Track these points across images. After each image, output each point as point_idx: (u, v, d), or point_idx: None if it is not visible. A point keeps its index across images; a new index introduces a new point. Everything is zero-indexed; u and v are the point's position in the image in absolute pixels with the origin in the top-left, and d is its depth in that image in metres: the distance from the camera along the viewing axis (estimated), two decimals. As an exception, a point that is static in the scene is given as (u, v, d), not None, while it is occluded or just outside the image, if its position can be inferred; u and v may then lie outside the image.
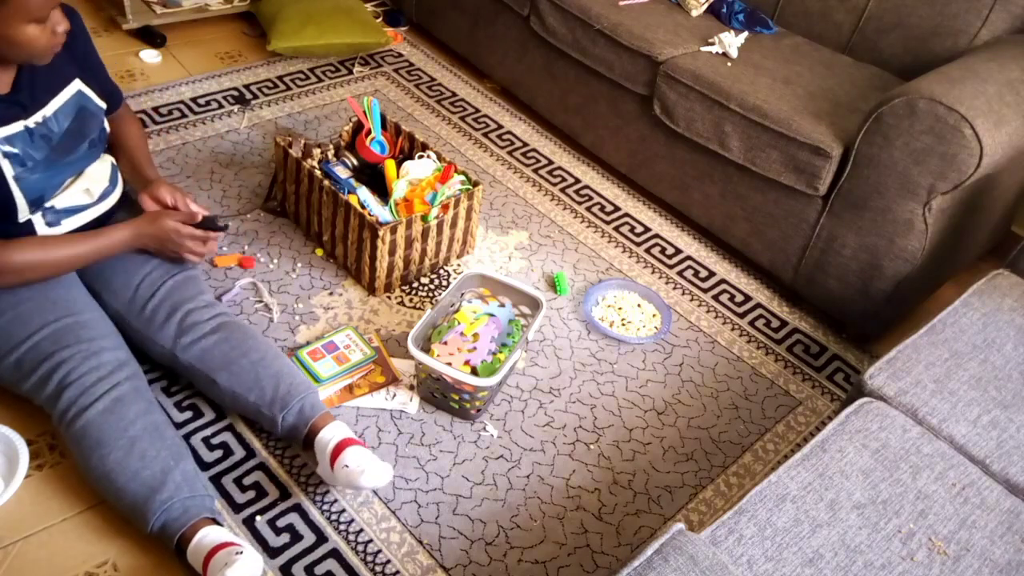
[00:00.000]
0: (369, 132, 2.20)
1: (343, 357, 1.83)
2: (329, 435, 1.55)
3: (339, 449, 1.52)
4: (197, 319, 1.64)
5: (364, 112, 2.22)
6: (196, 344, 1.62)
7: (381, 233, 1.90)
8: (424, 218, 1.99)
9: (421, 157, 2.15)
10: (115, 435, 1.44)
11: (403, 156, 2.22)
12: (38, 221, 1.55)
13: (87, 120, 1.59)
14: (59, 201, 1.57)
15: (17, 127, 1.46)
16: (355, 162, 2.17)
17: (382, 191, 2.09)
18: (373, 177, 2.15)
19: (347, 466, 1.49)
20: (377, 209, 2.01)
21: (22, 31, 1.33)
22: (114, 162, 1.73)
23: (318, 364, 1.80)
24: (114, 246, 1.60)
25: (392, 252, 1.97)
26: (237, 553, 1.34)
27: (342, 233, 2.03)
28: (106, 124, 1.65)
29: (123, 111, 1.80)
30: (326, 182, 2.00)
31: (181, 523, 1.41)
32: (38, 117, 1.50)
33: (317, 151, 2.15)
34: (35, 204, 1.51)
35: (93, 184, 1.63)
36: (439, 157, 2.15)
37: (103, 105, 1.64)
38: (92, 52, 1.66)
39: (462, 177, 2.10)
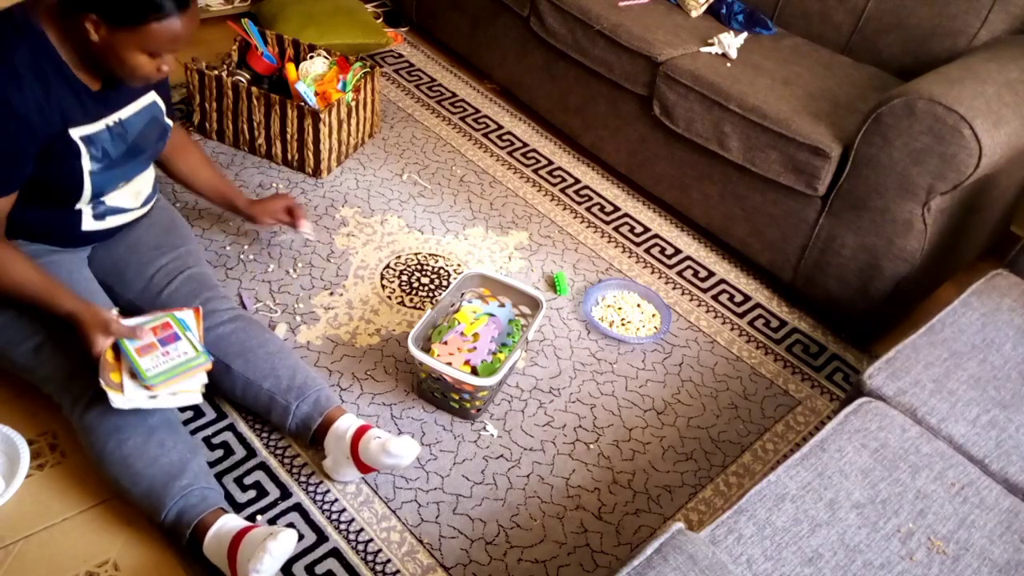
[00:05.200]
0: (256, 48, 2.44)
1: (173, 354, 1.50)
2: (347, 424, 1.59)
3: (362, 431, 1.56)
4: (216, 307, 1.68)
5: (246, 32, 2.43)
6: (213, 330, 1.65)
7: (323, 117, 2.23)
8: (346, 101, 2.30)
9: (312, 57, 2.45)
10: (134, 422, 1.46)
11: (293, 61, 2.47)
12: (87, 212, 1.59)
13: (156, 129, 1.63)
14: (111, 199, 1.61)
15: (100, 125, 1.51)
16: (249, 76, 2.43)
17: (285, 96, 2.31)
18: (272, 85, 2.42)
19: (379, 437, 1.53)
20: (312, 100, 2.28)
21: (135, 56, 1.38)
22: (155, 171, 1.77)
23: (144, 360, 1.46)
24: (55, 306, 1.47)
25: (330, 135, 2.29)
26: (279, 528, 1.37)
27: (279, 131, 2.30)
28: (168, 136, 1.70)
29: (182, 132, 1.86)
30: (254, 88, 2.26)
31: (199, 510, 1.43)
32: (115, 117, 1.54)
33: (213, 72, 2.33)
34: (95, 196, 1.56)
35: (142, 187, 1.68)
36: (329, 54, 2.45)
37: (170, 122, 1.68)
38: None
39: (359, 64, 2.41)
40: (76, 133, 1.46)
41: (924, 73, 1.93)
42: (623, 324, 2.09)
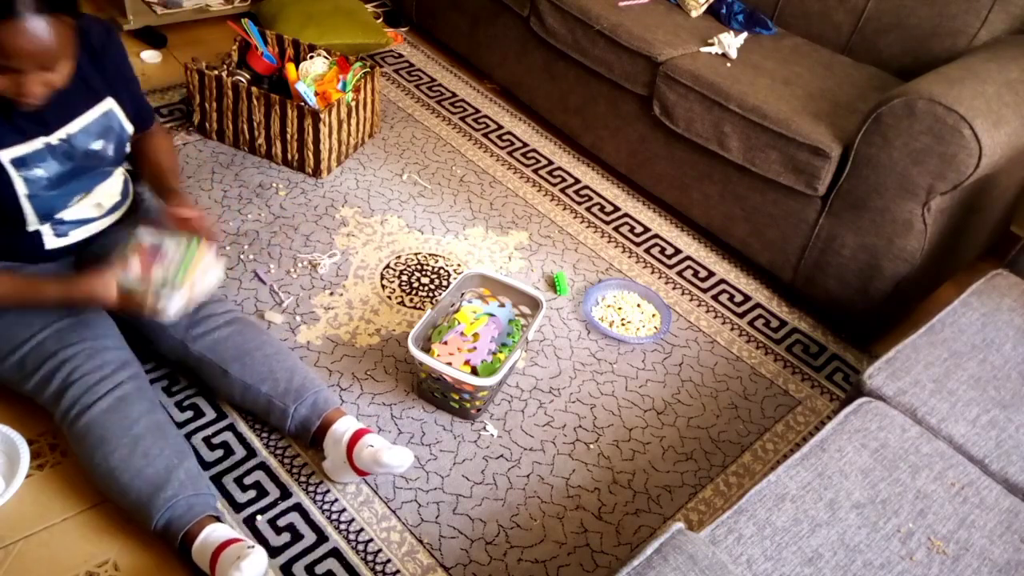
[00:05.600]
0: (256, 48, 2.45)
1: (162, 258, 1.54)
2: (344, 426, 1.58)
3: (358, 436, 1.55)
4: (211, 312, 1.67)
5: (246, 32, 2.43)
6: (209, 335, 1.64)
7: (323, 117, 2.23)
8: (347, 101, 2.31)
9: (312, 57, 2.45)
10: (119, 433, 1.45)
11: (293, 61, 2.48)
12: (47, 232, 1.55)
13: (112, 141, 1.56)
14: (68, 214, 1.57)
15: (36, 144, 1.43)
16: (249, 76, 2.44)
17: (285, 95, 2.32)
18: (272, 85, 2.44)
19: (372, 445, 1.52)
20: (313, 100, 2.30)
21: None
22: (126, 175, 1.73)
23: (156, 275, 1.50)
24: (43, 299, 1.50)
25: (330, 134, 2.30)
26: (249, 547, 1.36)
27: (279, 131, 2.31)
28: (127, 147, 1.62)
29: (155, 127, 1.76)
30: (255, 89, 2.26)
31: (185, 520, 1.42)
32: (62, 134, 1.47)
33: (213, 73, 2.33)
34: (45, 218, 1.51)
35: (104, 198, 1.63)
36: (329, 54, 2.46)
37: (130, 128, 1.60)
38: (125, 68, 1.61)
39: (359, 64, 2.43)
40: (5, 156, 1.39)
41: (924, 73, 1.93)
42: (623, 324, 2.09)
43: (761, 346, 2.11)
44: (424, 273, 2.14)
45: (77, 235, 1.60)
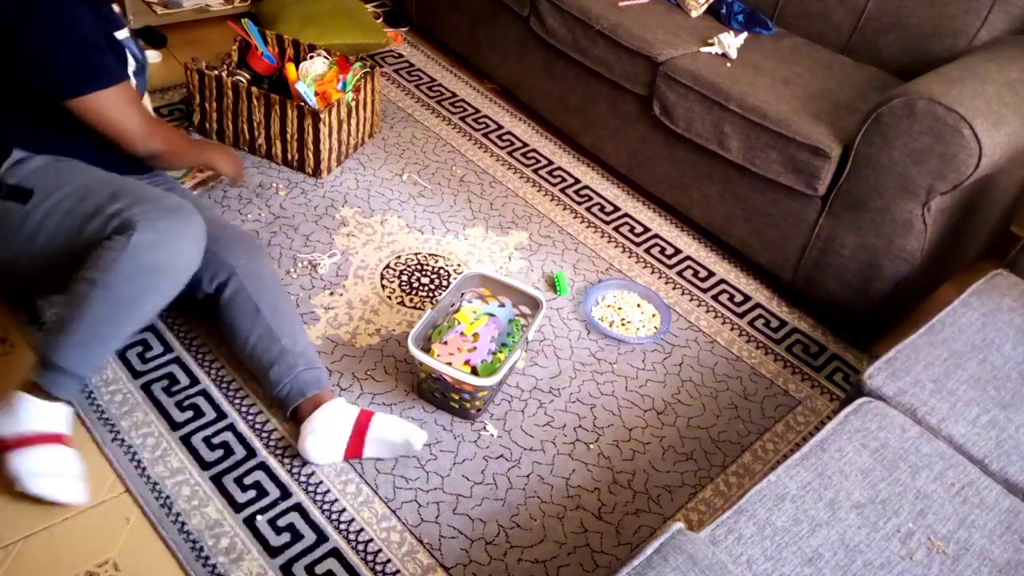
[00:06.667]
0: (256, 48, 2.46)
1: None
2: (346, 405, 1.68)
3: (370, 413, 1.66)
4: (261, 258, 1.80)
5: (246, 32, 2.45)
6: (258, 271, 1.75)
7: (323, 117, 2.24)
8: (347, 101, 2.33)
9: (312, 57, 2.46)
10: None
11: (293, 61, 2.49)
12: None
13: (141, 57, 1.79)
14: None
15: (126, 32, 1.69)
16: (249, 76, 2.46)
17: (285, 95, 2.33)
18: (272, 85, 2.45)
19: (389, 420, 1.66)
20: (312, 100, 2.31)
21: None
22: None
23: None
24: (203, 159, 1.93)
25: (330, 134, 2.31)
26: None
27: (279, 131, 2.31)
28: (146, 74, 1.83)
29: None
30: (255, 89, 2.27)
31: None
32: (126, 32, 1.72)
33: (213, 72, 2.35)
34: None
35: None
36: (329, 54, 2.47)
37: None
38: None
39: (359, 64, 2.44)
40: (120, 35, 1.65)
41: (924, 73, 1.93)
42: (623, 324, 2.09)
43: (761, 346, 2.11)
44: (424, 273, 2.14)
45: None
